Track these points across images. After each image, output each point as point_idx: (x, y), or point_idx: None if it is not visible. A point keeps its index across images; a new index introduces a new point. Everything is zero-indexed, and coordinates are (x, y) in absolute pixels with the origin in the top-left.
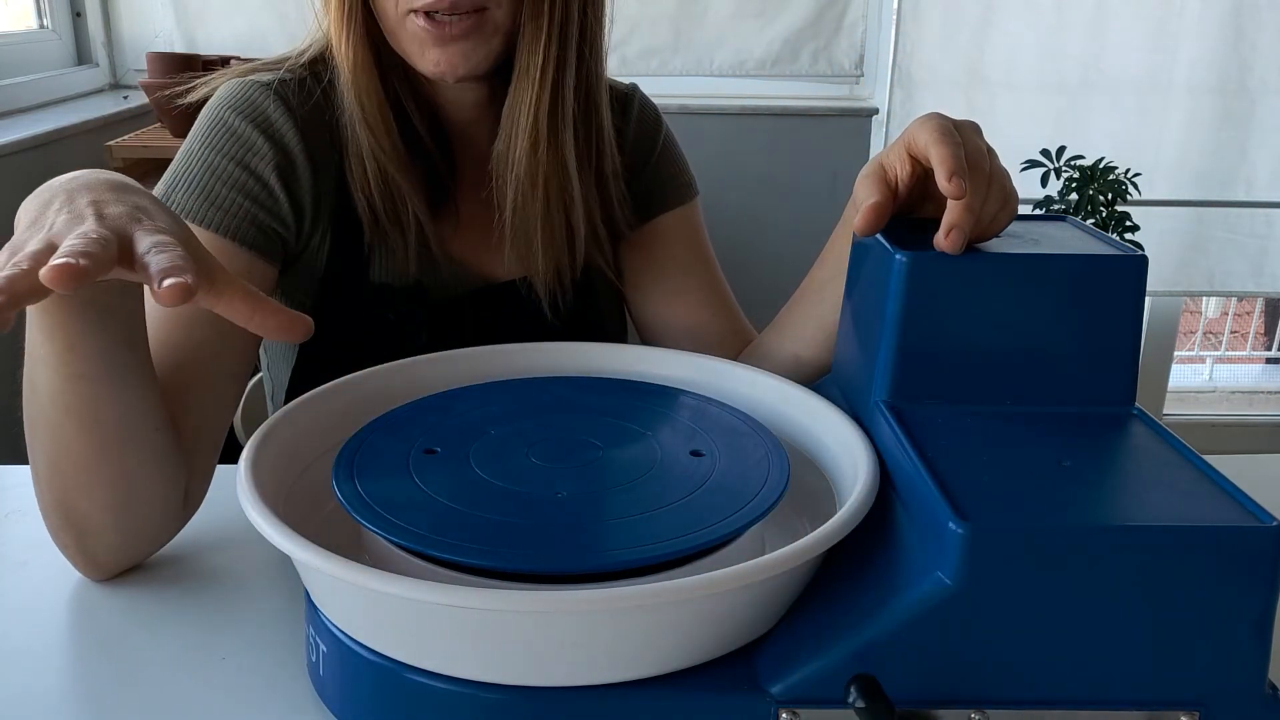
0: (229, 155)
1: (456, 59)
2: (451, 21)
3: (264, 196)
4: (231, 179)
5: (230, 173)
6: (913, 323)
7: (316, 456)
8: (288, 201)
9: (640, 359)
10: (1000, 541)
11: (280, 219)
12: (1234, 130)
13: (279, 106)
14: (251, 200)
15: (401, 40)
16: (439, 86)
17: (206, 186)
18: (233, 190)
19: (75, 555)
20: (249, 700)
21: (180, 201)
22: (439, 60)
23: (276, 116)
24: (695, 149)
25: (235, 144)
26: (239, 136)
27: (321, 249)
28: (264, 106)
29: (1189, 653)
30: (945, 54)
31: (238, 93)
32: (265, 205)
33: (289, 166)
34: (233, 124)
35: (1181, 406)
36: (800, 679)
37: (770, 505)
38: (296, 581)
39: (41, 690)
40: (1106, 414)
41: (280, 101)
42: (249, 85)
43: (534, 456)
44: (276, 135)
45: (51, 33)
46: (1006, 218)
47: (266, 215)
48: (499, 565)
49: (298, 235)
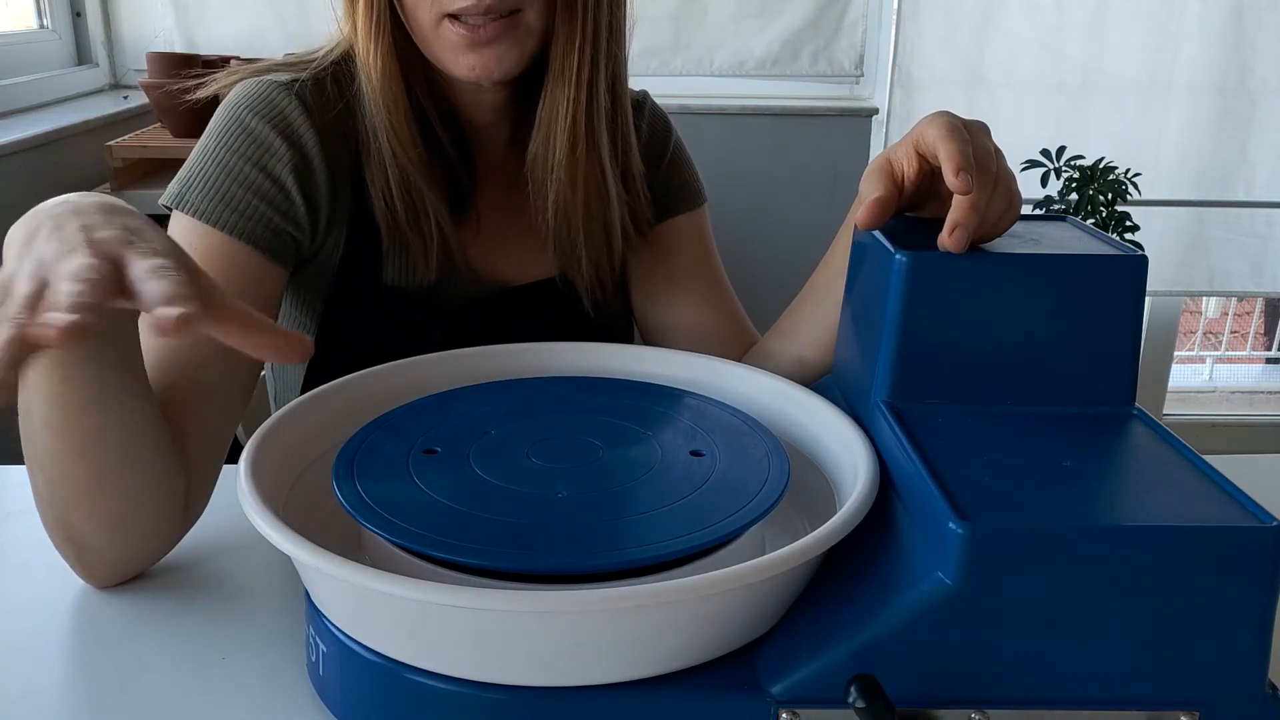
0: (245, 156)
1: (491, 62)
2: (485, 24)
3: (279, 199)
4: (247, 181)
5: (246, 174)
6: (913, 323)
7: (316, 456)
8: (303, 205)
9: (640, 359)
10: (1000, 541)
11: (295, 222)
12: (1234, 130)
13: (298, 108)
14: (267, 203)
15: (435, 47)
16: (460, 90)
17: (221, 188)
18: (248, 192)
19: (75, 567)
20: (249, 700)
21: (194, 202)
22: (474, 64)
23: (295, 118)
24: (695, 149)
25: (252, 145)
26: (256, 138)
27: (335, 252)
28: (282, 107)
29: (1189, 653)
30: (945, 54)
31: (255, 92)
32: (280, 208)
33: (306, 169)
34: (250, 124)
35: (1181, 406)
36: (800, 679)
37: (770, 505)
38: (296, 582)
39: (42, 690)
40: (1106, 414)
41: (299, 102)
42: (267, 85)
43: (534, 456)
44: (294, 137)
45: (51, 33)
46: (1010, 220)
47: (281, 218)
48: (499, 565)
49: (312, 238)
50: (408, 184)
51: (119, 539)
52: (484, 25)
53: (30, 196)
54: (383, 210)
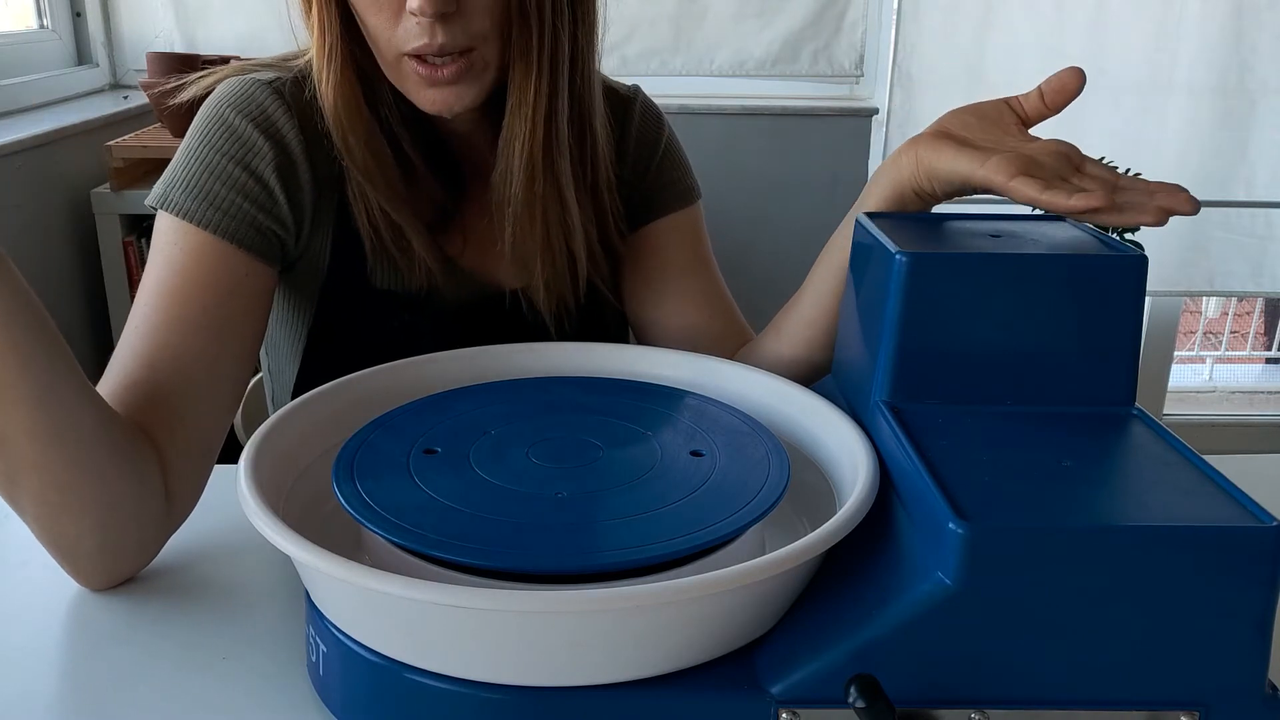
0: (229, 155)
1: (451, 98)
2: (443, 65)
3: (263, 198)
4: (231, 179)
5: (230, 173)
6: (913, 323)
7: (316, 456)
8: (287, 204)
9: (640, 359)
10: (1000, 541)
11: (280, 221)
12: (1234, 130)
13: (280, 106)
14: (250, 201)
15: (397, 79)
16: None
17: (205, 187)
18: (231, 191)
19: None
20: (249, 700)
21: (178, 202)
22: (435, 99)
23: (278, 116)
24: (695, 149)
25: (235, 144)
26: (239, 136)
27: (324, 253)
28: (266, 105)
29: (1189, 653)
30: (945, 54)
31: (239, 90)
32: (265, 207)
33: (289, 168)
34: (233, 123)
35: (1181, 406)
36: (800, 679)
37: (770, 505)
38: (296, 582)
39: (41, 690)
40: (1106, 414)
41: (282, 101)
42: (250, 83)
43: (534, 456)
44: (278, 135)
45: (51, 33)
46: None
47: (266, 217)
48: (499, 565)
49: (297, 238)
50: (383, 208)
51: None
52: (442, 66)
53: (30, 196)
54: (366, 229)
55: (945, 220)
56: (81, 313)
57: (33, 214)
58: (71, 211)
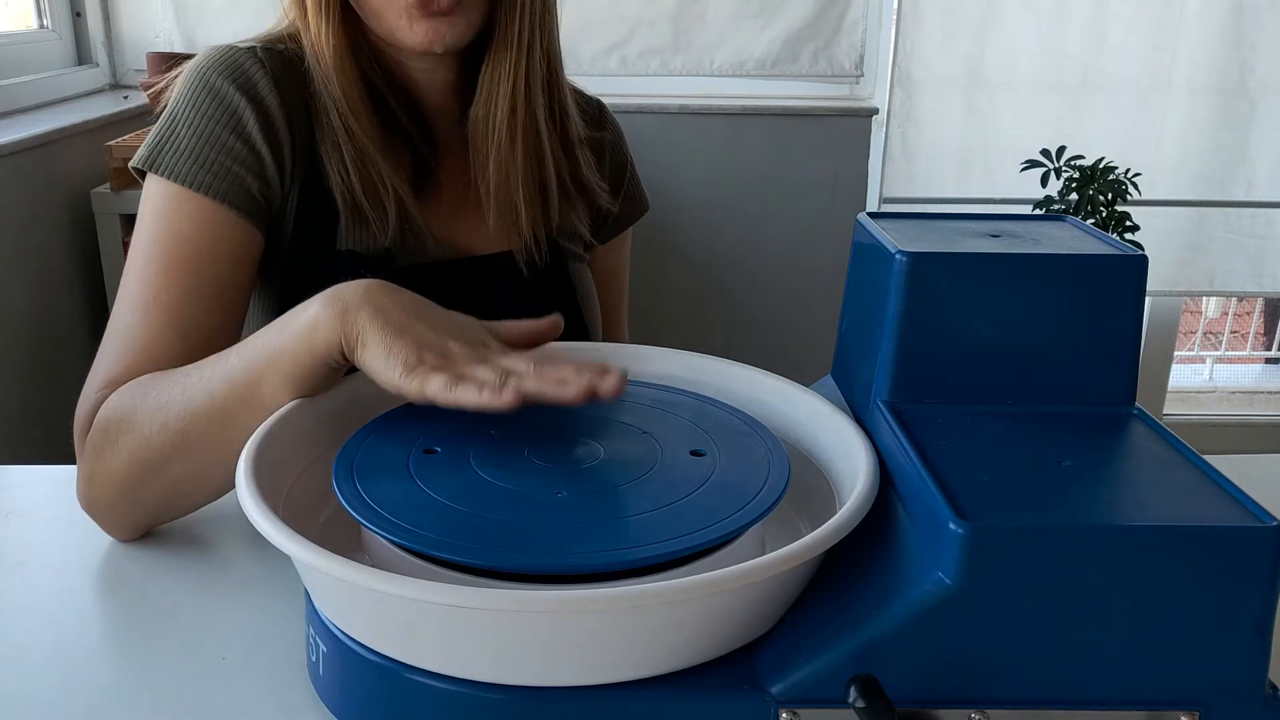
0: (216, 119)
1: (443, 28)
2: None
3: (251, 160)
4: (219, 142)
5: (218, 136)
6: (913, 323)
7: (316, 456)
8: (273, 162)
9: (640, 358)
10: (1000, 541)
11: (266, 180)
12: (1234, 130)
13: (260, 69)
14: (239, 163)
15: (387, 16)
16: (412, 70)
17: (196, 151)
18: (221, 154)
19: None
20: (249, 700)
21: (169, 165)
22: (426, 31)
23: (259, 78)
24: (695, 149)
25: (221, 108)
26: (224, 100)
27: (289, 219)
28: (247, 68)
29: (1189, 653)
30: (945, 54)
31: (219, 56)
32: (252, 168)
33: (271, 128)
34: (218, 86)
35: (1181, 406)
36: (800, 679)
37: (770, 505)
38: (296, 581)
39: (41, 690)
40: (1106, 414)
41: (260, 65)
42: (230, 49)
43: (534, 456)
44: (259, 98)
45: (51, 33)
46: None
47: (253, 177)
48: (499, 565)
49: (281, 198)
50: (363, 158)
51: (204, 502)
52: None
53: (30, 196)
54: (339, 185)
55: (945, 220)
56: (81, 313)
57: (33, 214)
58: (71, 211)
